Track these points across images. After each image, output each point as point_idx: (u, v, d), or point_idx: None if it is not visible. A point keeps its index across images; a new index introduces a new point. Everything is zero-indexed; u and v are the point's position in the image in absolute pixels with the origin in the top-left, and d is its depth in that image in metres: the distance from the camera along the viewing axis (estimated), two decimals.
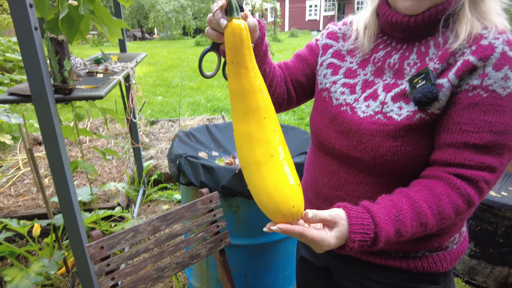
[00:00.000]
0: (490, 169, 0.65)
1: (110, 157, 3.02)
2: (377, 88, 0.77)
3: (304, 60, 0.93)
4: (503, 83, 0.64)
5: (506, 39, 0.66)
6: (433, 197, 0.65)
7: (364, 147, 0.74)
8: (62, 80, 0.99)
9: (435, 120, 0.70)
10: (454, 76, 0.66)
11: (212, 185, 1.25)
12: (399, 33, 0.76)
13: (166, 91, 6.64)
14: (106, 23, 1.55)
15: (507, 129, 0.64)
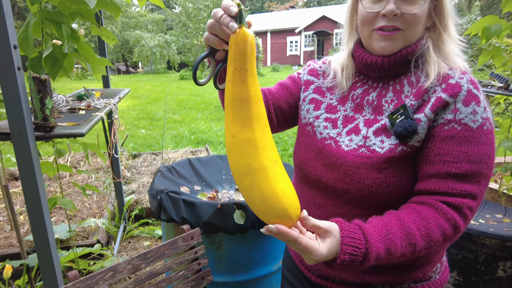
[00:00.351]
0: (471, 196, 0.71)
1: (91, 192, 2.95)
2: (358, 123, 0.82)
3: (288, 89, 0.97)
4: (472, 117, 0.72)
5: (469, 79, 0.75)
6: (421, 220, 0.70)
7: (350, 179, 0.78)
8: (43, 118, 1.00)
9: (415, 153, 0.76)
10: (430, 111, 0.73)
11: (194, 221, 1.24)
12: (374, 72, 0.83)
13: (149, 124, 6.64)
14: (90, 60, 1.58)
15: (481, 158, 0.71)
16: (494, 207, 2.22)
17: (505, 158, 2.66)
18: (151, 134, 5.88)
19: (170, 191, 1.32)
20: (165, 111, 4.52)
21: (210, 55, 0.71)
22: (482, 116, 0.72)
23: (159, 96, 10.37)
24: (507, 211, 2.15)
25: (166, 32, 25.91)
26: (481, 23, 2.19)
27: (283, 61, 25.74)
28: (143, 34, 21.77)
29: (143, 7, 23.83)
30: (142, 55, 21.39)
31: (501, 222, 2.00)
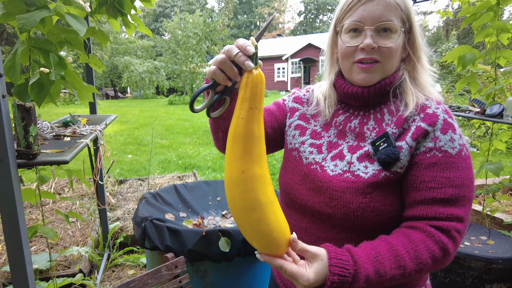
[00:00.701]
0: (458, 219, 0.74)
1: (74, 220, 2.88)
2: (342, 149, 0.85)
3: (273, 114, 1.00)
4: (451, 144, 0.77)
5: (444, 109, 0.81)
6: (410, 243, 0.72)
7: (336, 203, 0.80)
8: (26, 146, 0.99)
9: (399, 179, 0.79)
10: (411, 139, 0.78)
11: (178, 249, 1.22)
12: (355, 102, 0.87)
13: (136, 149, 6.59)
14: (77, 87, 1.59)
15: (463, 182, 0.75)
16: (478, 229, 2.25)
17: (486, 180, 2.72)
18: (138, 160, 5.82)
19: (154, 219, 1.30)
20: (152, 135, 4.51)
21: (211, 88, 0.73)
22: (459, 143, 0.77)
23: (147, 121, 10.36)
24: (491, 232, 2.18)
25: (155, 58, 26.25)
26: (456, 52, 2.30)
27: (271, 86, 26.22)
28: (132, 60, 21.99)
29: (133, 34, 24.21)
30: (131, 81, 21.52)
31: (485, 244, 2.02)
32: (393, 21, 0.80)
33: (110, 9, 1.87)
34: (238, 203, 0.66)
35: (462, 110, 2.47)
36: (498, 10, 2.10)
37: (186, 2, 41.15)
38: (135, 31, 2.06)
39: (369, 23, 0.80)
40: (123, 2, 1.89)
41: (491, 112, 2.12)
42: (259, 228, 0.66)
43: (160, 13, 39.99)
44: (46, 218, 2.92)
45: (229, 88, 0.74)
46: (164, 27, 24.07)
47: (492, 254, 1.83)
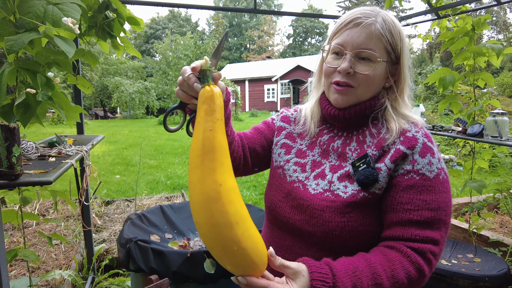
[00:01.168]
0: (433, 242, 0.75)
1: (58, 242, 2.80)
2: (325, 168, 0.87)
3: (262, 133, 1.03)
4: (429, 167, 0.78)
5: (424, 133, 0.83)
6: (387, 262, 0.73)
7: (316, 221, 0.81)
8: (8, 166, 0.98)
9: (377, 200, 0.80)
10: (390, 162, 0.80)
11: (163, 271, 1.20)
12: (337, 123, 0.90)
13: (125, 170, 6.51)
14: (64, 108, 1.59)
15: (439, 206, 0.76)
16: (465, 247, 2.26)
17: (471, 198, 2.76)
18: (126, 180, 5.75)
19: (139, 240, 1.28)
20: (140, 155, 4.47)
21: (179, 108, 0.77)
22: (438, 167, 0.79)
23: (136, 141, 10.29)
24: (478, 250, 2.20)
25: (146, 79, 26.37)
26: (437, 74, 2.39)
27: (261, 107, 26.47)
28: (122, 81, 22.04)
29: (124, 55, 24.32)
30: (121, 101, 21.50)
31: (472, 262, 2.04)
32: (372, 50, 0.82)
33: (99, 31, 1.90)
34: (220, 219, 0.61)
35: (445, 130, 2.54)
36: (473, 35, 2.20)
37: (177, 25, 41.86)
38: (124, 52, 2.09)
39: (350, 48, 0.83)
40: (113, 25, 1.93)
41: (472, 131, 2.19)
42: (243, 244, 0.62)
43: (151, 34, 40.50)
44: (29, 241, 2.84)
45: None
46: (155, 49, 24.32)
47: (479, 272, 1.84)
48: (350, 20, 0.84)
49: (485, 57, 2.28)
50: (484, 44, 2.20)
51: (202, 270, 1.19)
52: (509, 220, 3.11)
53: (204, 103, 0.68)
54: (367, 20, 0.82)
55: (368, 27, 0.82)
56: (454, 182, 4.61)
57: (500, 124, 2.02)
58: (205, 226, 0.63)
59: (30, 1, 1.34)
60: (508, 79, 20.66)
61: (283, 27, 71.69)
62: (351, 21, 0.84)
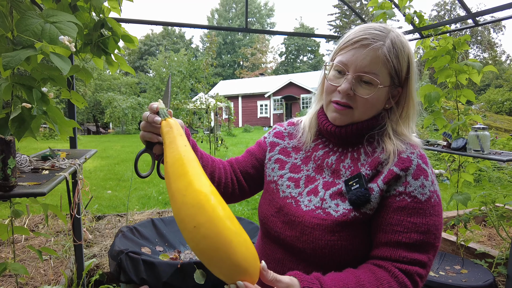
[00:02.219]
0: (421, 264, 0.75)
1: (48, 257, 2.77)
2: (318, 184, 0.88)
3: (253, 154, 1.04)
4: (421, 190, 0.77)
5: (419, 153, 0.82)
6: (376, 280, 0.73)
7: (306, 238, 0.81)
8: (3, 178, 1.01)
9: (368, 220, 0.80)
10: (382, 183, 0.79)
11: (153, 282, 1.22)
12: (333, 139, 0.90)
13: (116, 185, 6.47)
14: (58, 122, 1.62)
15: (429, 229, 0.76)
16: (452, 259, 2.30)
17: (457, 211, 2.82)
18: (118, 195, 5.71)
19: (130, 252, 1.30)
20: (133, 171, 4.46)
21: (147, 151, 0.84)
22: (430, 189, 0.78)
23: (128, 157, 10.25)
24: (465, 262, 2.24)
25: (139, 95, 26.44)
26: (422, 91, 2.49)
27: (254, 122, 26.63)
28: (115, 96, 22.07)
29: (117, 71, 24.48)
30: (113, 116, 21.45)
31: (459, 273, 2.08)
32: (374, 75, 0.80)
33: (94, 48, 1.96)
34: (221, 220, 0.62)
35: (431, 144, 2.61)
36: (454, 54, 2.30)
37: (171, 41, 42.32)
38: (118, 69, 2.14)
39: (352, 70, 0.81)
40: (107, 42, 1.99)
41: (456, 145, 2.26)
42: (243, 246, 0.63)
43: (145, 51, 40.84)
44: (17, 256, 2.81)
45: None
46: (149, 65, 24.51)
47: (465, 283, 1.88)
48: (358, 39, 0.81)
49: (467, 74, 2.38)
50: (465, 62, 2.31)
51: (192, 281, 1.21)
52: (497, 233, 3.17)
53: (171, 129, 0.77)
54: (375, 43, 0.79)
55: (374, 51, 0.79)
56: (443, 195, 4.68)
57: (481, 138, 2.10)
58: (203, 230, 0.62)
59: (28, 20, 1.39)
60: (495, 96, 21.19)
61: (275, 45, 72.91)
62: (358, 41, 0.81)
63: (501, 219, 2.51)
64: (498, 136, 8.06)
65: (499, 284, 2.18)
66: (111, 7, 1.98)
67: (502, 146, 5.76)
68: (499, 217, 2.50)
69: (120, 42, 2.02)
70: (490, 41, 31.05)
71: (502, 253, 2.38)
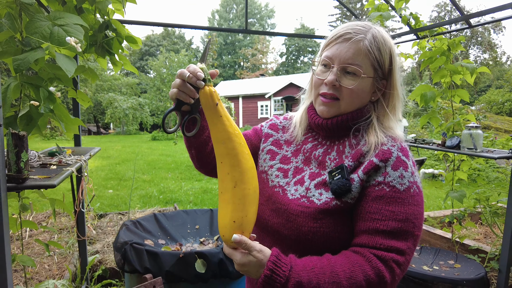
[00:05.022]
0: (398, 251, 0.77)
1: (52, 253, 2.83)
2: (305, 175, 0.93)
3: (249, 139, 1.08)
4: (400, 180, 0.80)
5: (400, 146, 0.85)
6: (348, 263, 0.76)
7: (291, 225, 0.86)
8: (17, 170, 1.07)
9: (350, 208, 0.84)
10: (362, 173, 0.83)
11: (156, 271, 1.28)
12: (322, 132, 0.95)
13: (117, 185, 6.54)
14: (64, 120, 1.68)
15: (407, 217, 0.78)
16: (447, 254, 2.36)
17: (452, 209, 2.88)
18: (119, 195, 5.77)
19: (134, 243, 1.36)
20: (134, 170, 4.53)
21: (177, 109, 0.85)
22: (409, 180, 0.80)
23: (129, 157, 10.32)
24: (458, 257, 2.30)
25: (139, 95, 26.52)
26: (418, 91, 2.55)
27: (255, 123, 26.67)
28: (116, 97, 22.14)
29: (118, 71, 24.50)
30: (114, 117, 21.52)
31: (452, 268, 2.14)
32: (358, 66, 0.85)
33: (99, 49, 2.02)
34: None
35: (426, 143, 2.67)
36: (449, 55, 2.37)
37: (171, 42, 42.40)
38: (121, 69, 2.21)
39: (337, 62, 0.86)
40: (111, 43, 2.05)
41: (450, 144, 2.32)
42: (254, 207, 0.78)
43: (146, 51, 40.93)
44: (21, 252, 2.87)
45: (194, 106, 0.86)
46: (150, 65, 24.59)
47: (458, 276, 1.94)
48: (341, 34, 0.87)
49: (461, 75, 2.44)
50: (460, 63, 2.37)
51: (193, 270, 1.27)
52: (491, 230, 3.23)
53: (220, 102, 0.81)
54: (356, 36, 0.85)
55: (356, 43, 0.84)
56: (439, 194, 4.74)
57: (474, 136, 2.16)
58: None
59: (37, 22, 1.45)
60: (495, 97, 21.23)
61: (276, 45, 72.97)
62: (341, 36, 0.86)
63: (495, 216, 2.57)
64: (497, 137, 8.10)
65: (491, 278, 2.24)
66: (115, 9, 2.05)
67: (501, 146, 5.82)
68: (492, 214, 2.56)
69: (123, 43, 2.08)
70: (490, 42, 31.10)
71: (495, 248, 2.44)
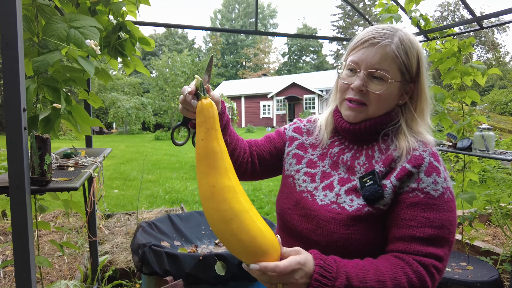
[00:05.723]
0: (436, 258, 0.76)
1: (61, 254, 2.85)
2: (333, 180, 0.91)
3: (272, 141, 1.08)
4: (433, 186, 0.80)
5: (431, 152, 0.84)
6: (389, 265, 0.76)
7: (321, 231, 0.85)
8: (40, 173, 1.08)
9: (382, 215, 0.83)
10: (395, 179, 0.81)
11: (176, 273, 1.28)
12: (348, 136, 0.94)
13: (123, 184, 6.55)
14: (82, 121, 1.69)
15: (443, 224, 0.77)
16: (458, 256, 2.36)
17: (463, 210, 2.87)
18: (125, 194, 5.79)
19: (153, 245, 1.37)
20: (142, 171, 4.55)
21: (183, 124, 0.88)
22: (443, 186, 0.80)
23: (133, 156, 10.34)
24: (470, 259, 2.29)
25: (142, 95, 26.56)
26: None
27: (257, 123, 26.69)
28: (119, 96, 22.18)
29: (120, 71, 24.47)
30: (117, 116, 21.57)
31: (465, 270, 2.13)
32: (385, 71, 0.84)
33: (112, 51, 2.03)
34: (215, 216, 0.70)
35: (437, 144, 2.67)
36: (460, 56, 2.36)
37: (173, 42, 42.46)
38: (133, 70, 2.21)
39: (363, 67, 0.85)
40: (124, 44, 2.06)
41: (461, 145, 2.32)
42: (240, 237, 0.68)
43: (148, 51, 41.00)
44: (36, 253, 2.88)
45: None
46: (152, 65, 24.64)
47: (471, 278, 1.94)
48: (367, 39, 0.86)
49: (472, 76, 2.44)
50: (470, 64, 2.37)
51: (213, 272, 1.28)
52: (501, 232, 3.22)
53: (197, 116, 0.80)
54: (383, 41, 0.84)
55: (383, 48, 0.83)
56: None
57: (486, 138, 2.15)
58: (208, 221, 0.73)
59: (54, 25, 1.46)
60: (499, 97, 21.18)
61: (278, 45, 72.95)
62: (368, 40, 0.85)
63: (506, 218, 2.56)
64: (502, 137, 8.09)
65: (504, 280, 2.24)
66: (127, 10, 2.05)
67: (506, 147, 5.81)
68: (503, 215, 2.55)
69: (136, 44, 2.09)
70: (494, 42, 31.02)
71: (506, 250, 2.44)
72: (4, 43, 0.99)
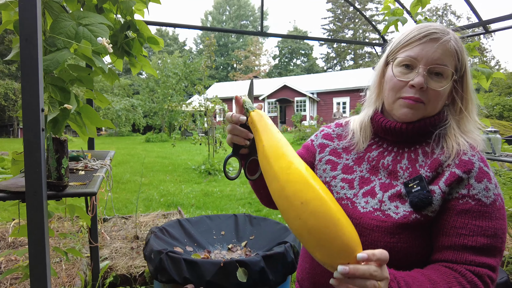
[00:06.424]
0: (490, 268, 0.73)
1: (58, 260, 2.75)
2: (374, 186, 0.86)
3: (302, 158, 1.03)
4: (485, 193, 0.76)
5: (480, 157, 0.81)
6: (441, 275, 0.72)
7: (364, 240, 0.80)
8: (57, 177, 1.02)
9: (429, 222, 0.79)
10: (444, 185, 0.78)
11: (196, 281, 1.23)
12: (391, 137, 0.89)
13: (116, 187, 6.42)
14: (87, 123, 1.63)
15: (496, 233, 0.74)
16: None
17: None
18: (119, 197, 5.67)
19: (169, 251, 1.31)
20: (141, 174, 4.47)
21: (235, 154, 0.84)
22: (494, 192, 0.77)
23: (125, 159, 10.17)
24: None
25: (132, 96, 26.24)
26: None
27: None
28: (109, 98, 21.87)
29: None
30: (107, 118, 21.24)
31: None
32: (447, 67, 0.81)
33: (119, 50, 1.97)
34: (327, 196, 0.63)
35: None
36: None
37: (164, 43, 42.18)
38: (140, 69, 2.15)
39: (424, 63, 0.81)
40: (131, 44, 2.00)
41: None
42: (350, 225, 0.62)
43: None
44: (27, 259, 2.78)
45: (251, 148, 0.83)
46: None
47: None
48: (426, 34, 0.82)
49: (475, 79, 2.45)
50: (475, 68, 2.38)
51: (234, 279, 1.23)
52: None
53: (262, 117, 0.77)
54: (444, 36, 0.81)
55: (445, 44, 0.81)
56: None
57: (493, 141, 2.16)
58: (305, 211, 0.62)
59: (62, 22, 1.41)
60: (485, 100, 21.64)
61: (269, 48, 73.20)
62: (427, 36, 0.82)
63: (509, 219, 2.58)
64: None
65: None
66: (136, 9, 2.00)
67: None
68: (508, 217, 2.57)
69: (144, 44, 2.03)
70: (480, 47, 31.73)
71: (510, 252, 2.45)
72: (24, 40, 0.94)
